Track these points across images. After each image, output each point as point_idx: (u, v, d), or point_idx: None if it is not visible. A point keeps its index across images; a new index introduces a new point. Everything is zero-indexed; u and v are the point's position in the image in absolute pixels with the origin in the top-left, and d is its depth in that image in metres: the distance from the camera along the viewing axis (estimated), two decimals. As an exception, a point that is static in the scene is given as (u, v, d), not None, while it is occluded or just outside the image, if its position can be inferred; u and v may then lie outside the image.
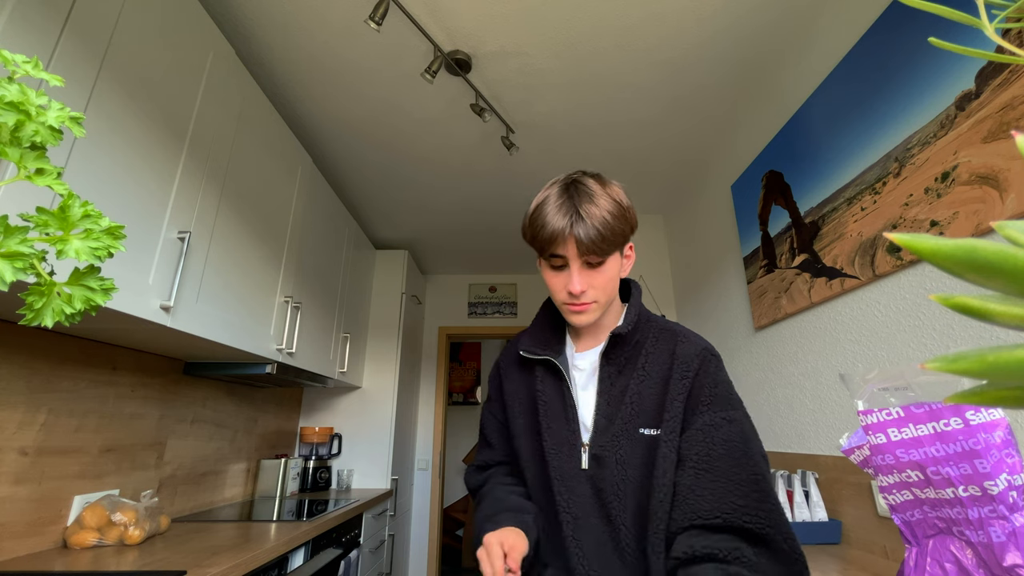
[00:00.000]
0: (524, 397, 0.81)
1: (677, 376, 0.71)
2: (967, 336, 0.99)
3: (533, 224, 0.72)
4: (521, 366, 0.84)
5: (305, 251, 1.96)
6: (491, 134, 2.03)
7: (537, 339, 0.82)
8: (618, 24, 1.50)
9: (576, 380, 0.78)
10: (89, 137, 0.95)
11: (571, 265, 0.70)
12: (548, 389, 0.78)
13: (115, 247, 0.31)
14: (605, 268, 0.71)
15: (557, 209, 0.69)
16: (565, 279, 0.72)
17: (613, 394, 0.73)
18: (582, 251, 0.68)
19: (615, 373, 0.75)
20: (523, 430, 0.80)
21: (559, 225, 0.68)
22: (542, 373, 0.79)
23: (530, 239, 0.74)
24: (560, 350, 0.80)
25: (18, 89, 0.28)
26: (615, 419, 0.71)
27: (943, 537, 0.50)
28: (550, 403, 0.77)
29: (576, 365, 0.79)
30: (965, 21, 0.22)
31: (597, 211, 0.68)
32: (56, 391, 1.20)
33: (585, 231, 0.67)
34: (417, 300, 3.30)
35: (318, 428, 2.48)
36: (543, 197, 0.73)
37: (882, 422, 0.52)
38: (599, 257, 0.70)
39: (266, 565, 1.23)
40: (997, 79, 0.94)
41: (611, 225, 0.68)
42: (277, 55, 1.63)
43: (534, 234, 0.72)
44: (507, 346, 0.90)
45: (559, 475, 0.72)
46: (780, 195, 1.63)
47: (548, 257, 0.72)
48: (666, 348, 0.75)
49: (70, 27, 0.91)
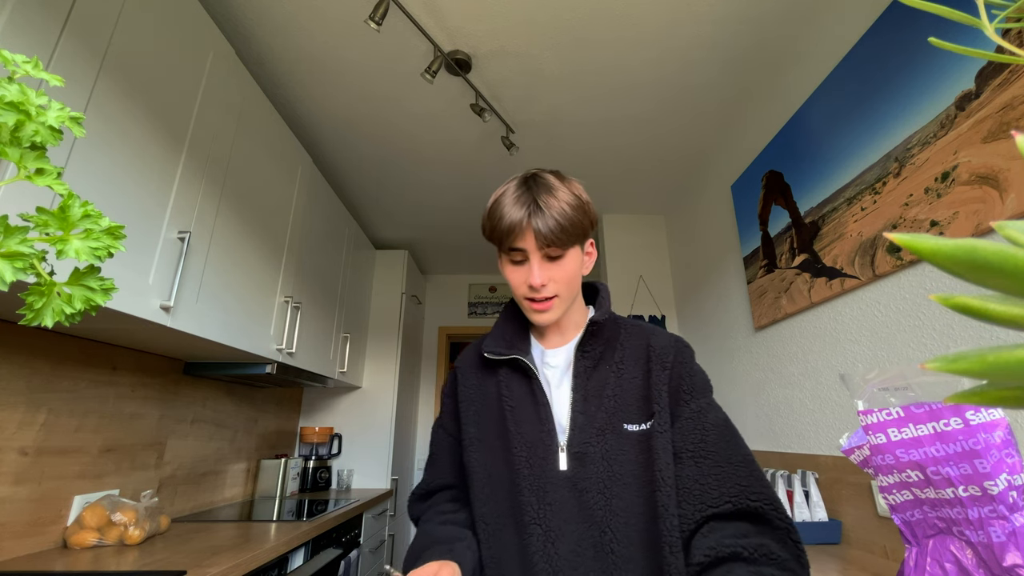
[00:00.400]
0: (485, 403, 0.76)
1: (657, 368, 0.70)
2: (967, 336, 0.99)
3: (492, 217, 0.71)
4: (482, 370, 0.79)
5: (305, 251, 1.96)
6: (491, 134, 2.03)
7: (501, 340, 0.78)
8: (618, 24, 1.50)
9: (549, 378, 0.75)
10: (89, 137, 0.95)
11: (531, 258, 0.69)
12: (516, 390, 0.74)
13: (115, 247, 0.31)
14: (565, 262, 0.70)
15: (515, 201, 0.68)
16: (525, 273, 0.70)
17: (590, 389, 0.71)
18: (541, 243, 0.67)
19: (590, 367, 0.72)
20: (480, 439, 0.74)
21: (517, 216, 0.67)
22: (507, 374, 0.75)
23: (489, 233, 0.72)
24: (526, 349, 0.76)
25: (18, 89, 0.28)
26: (596, 415, 0.69)
27: (943, 537, 0.50)
28: (518, 405, 0.72)
29: (548, 363, 0.76)
30: (965, 21, 0.22)
31: (556, 202, 0.67)
32: (56, 391, 1.20)
33: (544, 222, 0.66)
34: (417, 300, 3.30)
35: (318, 428, 2.48)
36: (501, 191, 0.72)
37: (882, 422, 0.52)
38: (559, 249, 0.68)
39: (266, 565, 1.23)
40: (997, 79, 0.94)
41: (570, 216, 0.68)
42: (277, 55, 1.63)
43: (493, 227, 0.71)
44: (464, 352, 0.85)
45: (531, 483, 0.67)
46: (780, 195, 1.63)
47: (508, 251, 0.71)
48: (640, 343, 0.74)
49: (70, 27, 0.91)
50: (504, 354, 0.75)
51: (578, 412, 0.70)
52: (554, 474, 0.67)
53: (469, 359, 0.82)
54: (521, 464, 0.69)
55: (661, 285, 2.65)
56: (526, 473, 0.68)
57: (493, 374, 0.77)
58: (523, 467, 0.68)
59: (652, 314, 2.58)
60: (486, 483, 0.72)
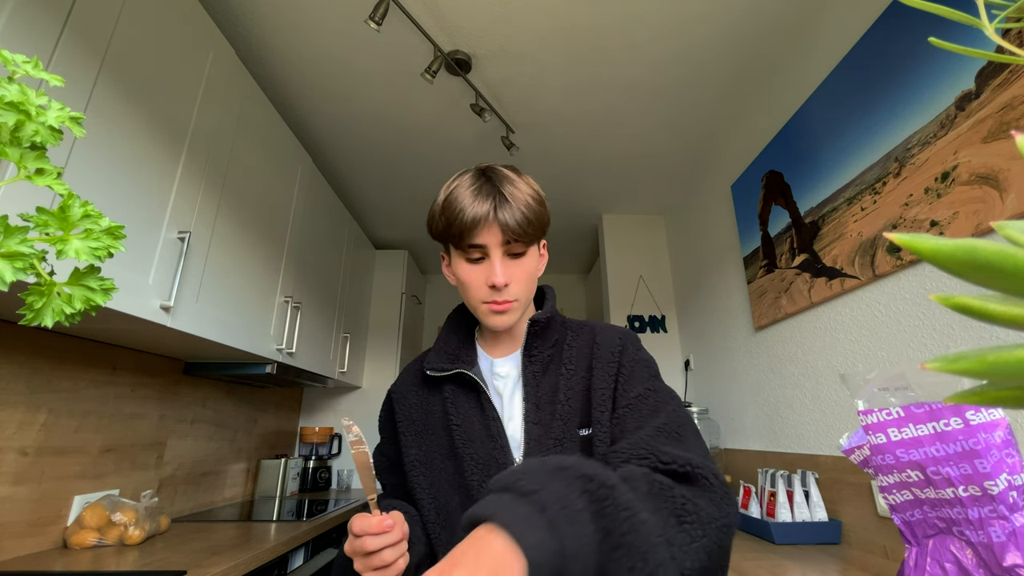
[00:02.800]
0: (428, 422, 0.70)
1: (602, 365, 0.66)
2: (967, 336, 0.99)
3: (448, 211, 0.64)
4: (424, 389, 0.73)
5: (305, 251, 1.96)
6: (491, 134, 2.03)
7: (444, 354, 0.72)
8: (618, 23, 1.50)
9: (500, 389, 0.70)
10: (89, 137, 0.95)
11: (492, 255, 0.64)
12: (462, 407, 0.68)
13: (115, 247, 0.31)
14: (526, 260, 0.66)
15: (476, 193, 0.63)
16: (485, 271, 0.65)
17: (542, 396, 0.66)
18: (509, 236, 0.63)
19: (539, 372, 0.68)
20: (424, 462, 0.69)
21: (481, 210, 0.62)
22: (453, 391, 0.69)
23: (442, 229, 0.67)
24: (472, 361, 0.71)
25: (18, 89, 0.28)
26: (551, 424, 0.64)
27: (943, 537, 0.50)
28: (466, 424, 0.67)
29: (497, 373, 0.71)
30: (965, 21, 0.22)
31: (520, 194, 0.64)
32: (56, 391, 1.20)
33: (511, 214, 0.62)
34: (417, 300, 3.29)
35: (318, 428, 2.48)
36: (453, 184, 0.67)
37: (882, 422, 0.52)
38: (523, 246, 0.65)
39: (266, 565, 1.23)
40: (997, 79, 0.94)
41: (535, 209, 0.65)
42: (277, 55, 1.63)
43: (449, 222, 0.64)
44: (400, 377, 0.78)
45: None
46: (780, 195, 1.63)
47: (466, 248, 0.64)
48: (586, 340, 0.71)
49: (70, 27, 0.91)
50: (447, 369, 0.69)
51: (531, 423, 0.65)
52: None
53: (407, 381, 0.76)
54: (474, 486, 0.63)
55: (661, 285, 2.65)
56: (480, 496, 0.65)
57: (438, 392, 0.72)
58: (475, 490, 0.63)
59: (652, 314, 2.58)
60: (432, 509, 0.66)
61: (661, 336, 2.54)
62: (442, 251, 0.73)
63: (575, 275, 3.82)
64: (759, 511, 1.41)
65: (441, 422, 0.69)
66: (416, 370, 0.76)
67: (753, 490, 1.48)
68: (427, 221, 0.71)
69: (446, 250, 0.71)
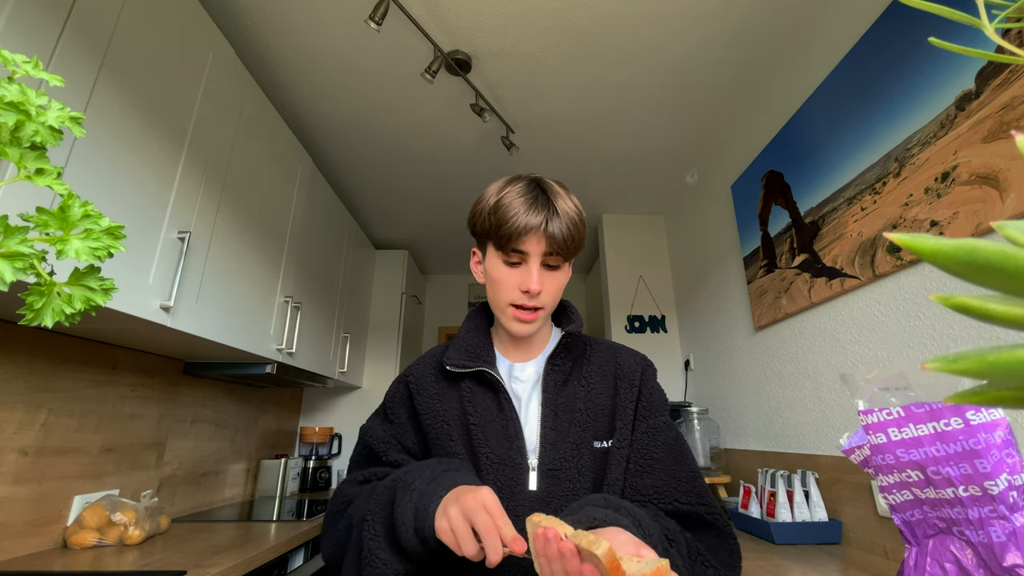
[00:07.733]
0: (448, 418, 0.70)
1: (625, 386, 0.70)
2: (967, 336, 0.99)
3: (499, 213, 0.66)
4: (441, 381, 0.73)
5: (305, 251, 1.96)
6: (491, 134, 2.03)
7: (465, 351, 0.72)
8: (618, 24, 1.50)
9: (518, 393, 0.71)
10: (89, 137, 0.95)
11: (531, 263, 0.66)
12: (480, 405, 0.69)
13: (115, 247, 0.31)
14: (559, 274, 0.69)
15: (531, 203, 0.66)
16: (521, 275, 0.67)
17: (560, 404, 0.68)
18: (552, 248, 0.66)
19: (560, 382, 0.70)
20: (440, 455, 0.69)
21: (534, 220, 0.65)
22: (470, 388, 0.70)
23: (489, 229, 0.68)
24: (492, 361, 0.72)
25: (18, 89, 0.28)
26: (568, 432, 0.66)
27: (943, 537, 0.50)
28: (483, 422, 0.67)
29: (516, 376, 0.73)
30: (965, 21, 0.22)
31: (569, 211, 0.67)
32: (56, 391, 1.20)
33: (560, 228, 0.65)
34: (417, 300, 3.29)
35: (318, 428, 2.48)
36: (505, 190, 0.69)
37: (882, 422, 0.52)
38: (561, 260, 0.68)
39: (266, 565, 1.23)
40: (997, 79, 0.94)
41: (579, 228, 0.68)
42: (278, 55, 1.63)
43: (500, 223, 0.66)
44: (417, 366, 0.77)
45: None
46: (780, 195, 1.63)
47: (508, 252, 0.67)
48: (609, 359, 0.74)
49: (70, 27, 0.91)
50: (469, 366, 0.70)
51: (549, 428, 0.66)
52: (524, 495, 0.63)
53: (426, 372, 0.75)
54: (491, 484, 0.63)
55: (661, 285, 2.65)
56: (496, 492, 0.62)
57: (455, 388, 0.72)
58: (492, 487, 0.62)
59: (652, 314, 2.58)
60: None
61: (661, 336, 2.54)
62: (474, 247, 0.76)
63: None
64: (759, 511, 1.41)
65: (458, 419, 0.70)
66: (435, 363, 0.76)
67: (753, 490, 1.48)
68: (469, 217, 0.73)
69: (480, 247, 0.74)
